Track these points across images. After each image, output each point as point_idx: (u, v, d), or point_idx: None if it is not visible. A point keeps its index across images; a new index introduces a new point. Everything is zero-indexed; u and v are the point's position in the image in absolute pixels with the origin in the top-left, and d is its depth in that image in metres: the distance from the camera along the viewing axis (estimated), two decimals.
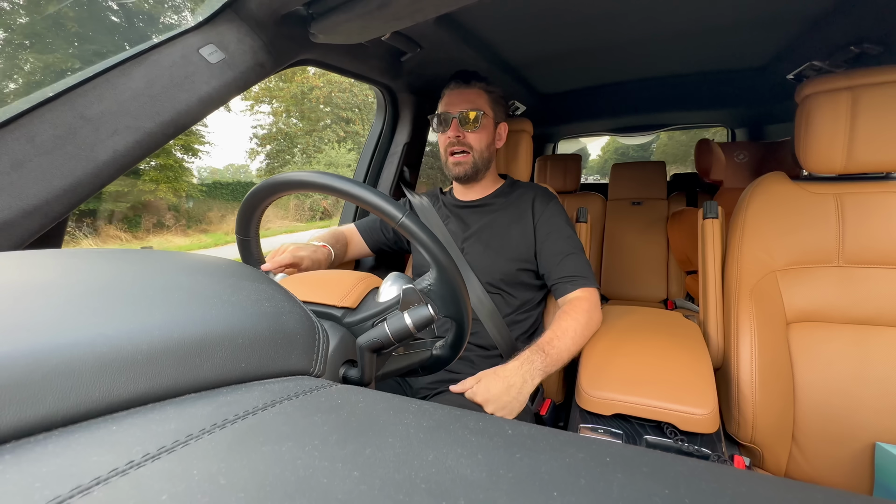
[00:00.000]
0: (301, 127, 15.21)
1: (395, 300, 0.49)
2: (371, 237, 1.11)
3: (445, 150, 1.00)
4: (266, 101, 14.81)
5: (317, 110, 15.29)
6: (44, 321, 0.22)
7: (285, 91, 14.62)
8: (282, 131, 15.18)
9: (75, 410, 0.20)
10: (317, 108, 15.25)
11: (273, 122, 15.27)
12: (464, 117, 0.96)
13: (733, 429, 0.86)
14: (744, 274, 0.87)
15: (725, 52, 1.38)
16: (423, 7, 0.70)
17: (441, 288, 0.50)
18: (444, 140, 0.99)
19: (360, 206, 0.47)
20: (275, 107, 15.14)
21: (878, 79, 0.77)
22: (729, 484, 0.18)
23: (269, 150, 15.25)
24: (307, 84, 14.67)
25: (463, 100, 0.97)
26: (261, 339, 0.29)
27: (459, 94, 0.98)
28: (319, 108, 15.19)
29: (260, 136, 15.28)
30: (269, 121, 15.41)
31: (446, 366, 0.56)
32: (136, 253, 0.35)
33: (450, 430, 0.23)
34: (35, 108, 0.55)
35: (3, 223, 0.51)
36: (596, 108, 2.16)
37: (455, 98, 0.98)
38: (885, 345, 0.78)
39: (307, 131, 15.25)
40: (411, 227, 0.46)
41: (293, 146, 15.19)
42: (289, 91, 14.61)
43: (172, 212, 12.05)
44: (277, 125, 15.27)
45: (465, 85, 0.98)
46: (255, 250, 0.61)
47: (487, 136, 1.00)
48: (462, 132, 0.97)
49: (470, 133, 0.97)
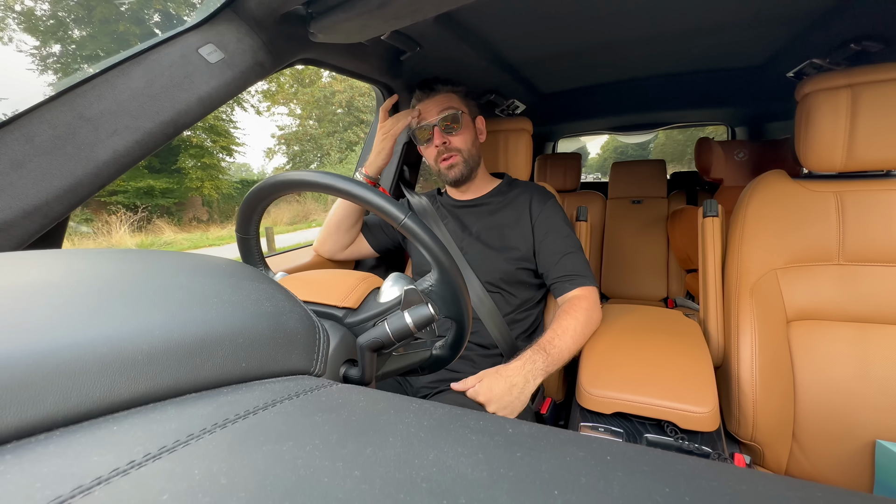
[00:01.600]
0: (324, 129, 15.84)
1: (397, 301, 0.49)
2: (373, 237, 1.11)
3: (436, 161, 1.00)
4: (283, 103, 15.27)
5: (337, 113, 15.89)
6: (44, 321, 0.22)
7: (308, 95, 15.24)
8: (307, 133, 15.83)
9: (76, 410, 0.20)
10: (337, 111, 15.83)
11: (299, 125, 15.93)
12: (444, 122, 0.96)
13: (734, 427, 0.86)
14: (744, 272, 0.87)
15: (725, 50, 1.38)
16: (422, 6, 0.70)
17: (442, 289, 0.50)
18: (432, 152, 0.99)
19: (363, 206, 0.47)
20: (297, 111, 15.84)
21: (878, 76, 0.77)
22: (729, 482, 0.18)
23: (295, 150, 15.92)
24: (329, 89, 15.29)
25: (435, 106, 0.98)
26: (261, 338, 0.29)
27: (429, 102, 0.99)
28: (339, 112, 15.69)
29: (286, 137, 15.97)
30: (289, 122, 16.13)
31: (446, 365, 0.56)
32: (137, 253, 0.35)
33: (450, 429, 0.23)
34: (34, 109, 0.54)
35: (3, 223, 0.51)
36: (596, 106, 2.16)
37: (428, 107, 0.99)
38: (886, 343, 0.78)
39: (329, 133, 15.83)
40: (413, 227, 0.47)
41: (318, 147, 15.93)
42: (312, 95, 15.24)
43: (206, 207, 12.79)
44: (303, 127, 15.86)
45: (431, 92, 0.99)
46: (256, 249, 0.61)
47: (470, 133, 1.00)
48: (446, 138, 0.97)
49: (454, 136, 0.97)
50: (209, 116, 10.20)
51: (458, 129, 0.97)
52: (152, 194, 10.32)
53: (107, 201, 10.23)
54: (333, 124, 15.86)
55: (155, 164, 10.87)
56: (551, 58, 1.44)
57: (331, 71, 1.06)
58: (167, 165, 10.96)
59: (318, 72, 14.18)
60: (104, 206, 10.22)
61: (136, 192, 10.25)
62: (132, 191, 10.23)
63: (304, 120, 15.71)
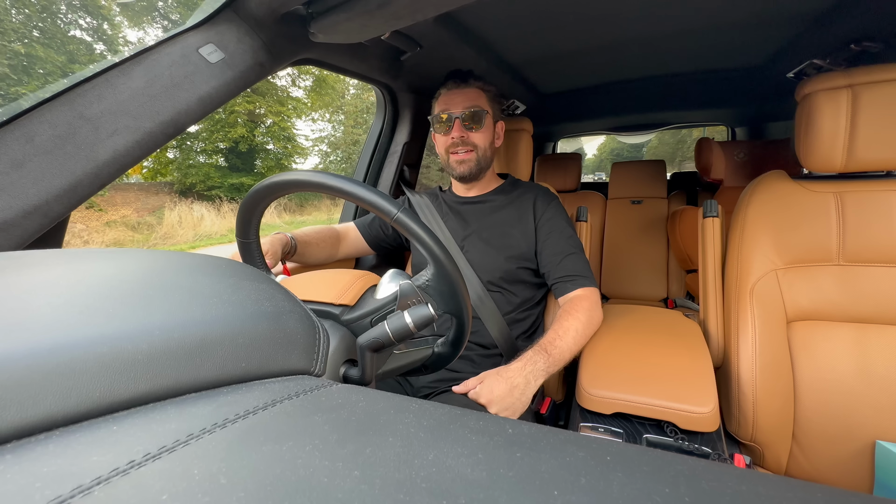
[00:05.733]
0: (362, 135, 17.03)
1: (393, 297, 0.49)
2: (370, 234, 1.11)
3: (446, 151, 0.99)
4: (320, 111, 16.58)
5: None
6: (44, 321, 0.22)
7: (350, 105, 16.65)
8: (352, 138, 17.09)
9: (76, 410, 0.20)
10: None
11: (344, 132, 17.31)
12: (466, 117, 0.95)
13: (734, 427, 0.86)
14: (744, 272, 0.87)
15: (725, 50, 1.38)
16: (422, 6, 0.70)
17: (439, 283, 0.50)
18: (446, 141, 0.98)
19: (356, 203, 0.47)
20: (342, 119, 17.27)
21: (878, 77, 0.77)
22: (729, 483, 0.18)
23: (340, 155, 17.23)
24: (369, 100, 16.39)
25: (464, 99, 0.96)
26: (261, 338, 0.29)
27: (459, 93, 0.97)
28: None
29: (330, 142, 17.41)
30: (330, 128, 17.41)
31: (448, 363, 0.56)
32: (137, 253, 0.35)
33: (450, 429, 0.23)
34: (34, 108, 0.54)
35: (3, 223, 0.51)
36: (596, 107, 2.16)
37: (455, 98, 0.97)
38: (886, 343, 0.78)
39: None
40: (407, 222, 0.46)
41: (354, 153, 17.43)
42: (354, 105, 16.57)
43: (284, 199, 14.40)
44: (350, 133, 17.14)
45: (463, 84, 0.98)
46: (257, 253, 0.61)
47: (490, 134, 0.99)
48: (465, 132, 0.96)
49: (474, 133, 0.96)
50: (283, 129, 10.13)
51: (479, 128, 0.96)
52: (242, 189, 11.85)
53: (207, 195, 11.57)
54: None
55: (237, 165, 12.19)
56: (551, 58, 1.44)
57: (331, 71, 1.06)
58: (247, 166, 12.45)
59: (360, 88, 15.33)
60: (204, 198, 11.58)
61: (229, 188, 11.65)
62: (227, 186, 11.64)
63: (348, 128, 16.80)
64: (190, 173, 11.52)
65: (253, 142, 11.98)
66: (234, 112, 11.44)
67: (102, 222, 9.19)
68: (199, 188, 11.55)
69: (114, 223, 9.29)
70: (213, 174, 11.55)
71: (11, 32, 8.81)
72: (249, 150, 12.17)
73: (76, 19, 10.18)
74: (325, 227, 1.08)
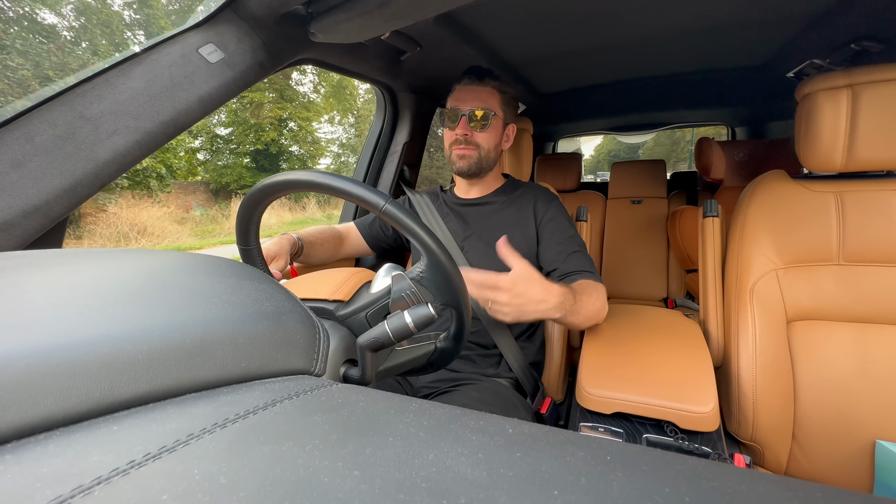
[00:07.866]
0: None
1: (387, 289, 0.48)
2: (370, 234, 1.11)
3: (450, 146, 0.98)
4: (340, 115, 17.30)
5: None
6: (45, 321, 0.22)
7: (364, 110, 17.21)
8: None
9: (76, 410, 0.20)
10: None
11: (357, 134, 17.90)
12: (473, 116, 0.94)
13: (734, 427, 0.86)
14: (744, 272, 0.87)
15: (725, 50, 1.38)
16: (422, 6, 0.70)
17: (433, 273, 0.49)
18: (451, 136, 0.97)
19: (344, 198, 0.47)
20: (353, 122, 17.91)
21: (878, 76, 0.77)
22: (729, 482, 0.18)
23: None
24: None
25: (474, 97, 0.95)
26: (261, 338, 0.30)
27: (471, 91, 0.96)
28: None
29: (348, 145, 18.02)
30: (341, 130, 17.97)
31: (452, 359, 0.55)
32: (137, 253, 0.35)
33: (450, 429, 0.23)
34: (34, 108, 0.54)
35: (3, 223, 0.51)
36: (596, 106, 2.16)
37: (466, 95, 0.96)
38: (886, 343, 0.78)
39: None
40: (395, 213, 0.45)
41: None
42: (369, 110, 17.16)
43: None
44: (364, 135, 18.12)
45: (478, 82, 0.96)
46: (258, 259, 0.60)
47: (496, 136, 0.98)
48: (470, 131, 0.95)
49: (478, 132, 0.96)
50: (308, 133, 10.81)
51: (486, 129, 0.95)
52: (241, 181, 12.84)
53: (241, 193, 12.38)
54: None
55: (265, 165, 13.40)
56: (551, 58, 1.44)
57: (331, 71, 1.06)
58: (274, 167, 13.58)
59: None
60: (239, 196, 12.44)
61: None
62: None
63: (365, 131, 16.89)
64: (225, 173, 12.81)
65: (281, 145, 12.91)
66: (267, 117, 12.34)
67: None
68: (232, 187, 12.53)
69: (162, 218, 9.85)
70: (246, 174, 12.58)
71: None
72: (277, 152, 13.19)
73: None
74: (327, 227, 1.08)
